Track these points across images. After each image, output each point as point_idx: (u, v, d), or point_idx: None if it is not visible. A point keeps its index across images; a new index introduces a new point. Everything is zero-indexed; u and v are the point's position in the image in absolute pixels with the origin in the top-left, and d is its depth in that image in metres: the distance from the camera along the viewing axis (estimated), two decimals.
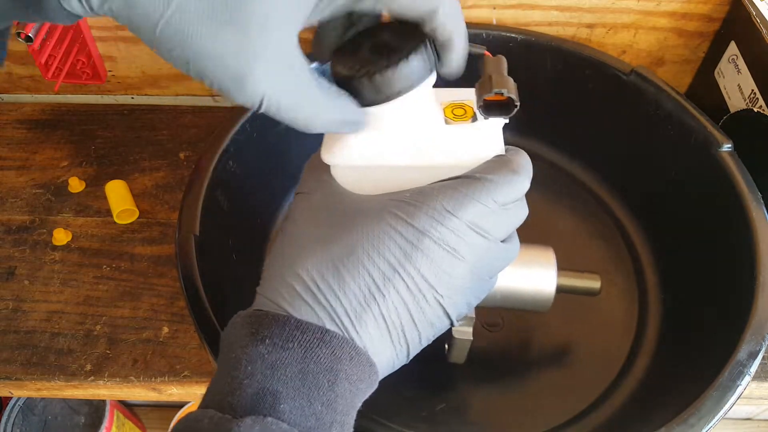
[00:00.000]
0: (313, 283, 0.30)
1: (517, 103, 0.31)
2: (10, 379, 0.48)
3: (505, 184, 0.32)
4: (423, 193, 0.31)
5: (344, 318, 0.30)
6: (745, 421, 1.14)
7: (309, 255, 0.31)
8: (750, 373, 0.38)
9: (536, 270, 0.43)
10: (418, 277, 0.30)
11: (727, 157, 0.48)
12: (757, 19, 0.51)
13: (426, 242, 0.30)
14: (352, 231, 0.31)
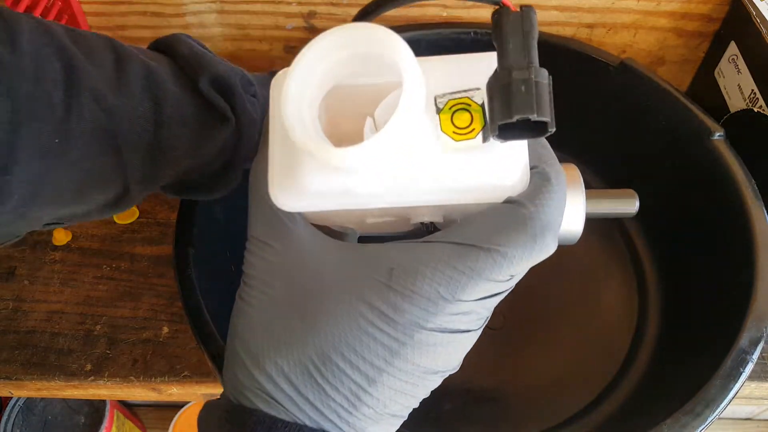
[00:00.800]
0: (289, 386, 0.25)
1: (552, 127, 0.22)
2: (10, 379, 0.48)
3: (523, 258, 0.25)
4: (408, 273, 0.24)
5: (334, 420, 0.25)
6: (746, 421, 1.14)
7: (275, 351, 0.25)
8: (753, 360, 0.38)
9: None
10: (413, 367, 0.25)
11: (720, 145, 0.48)
12: (757, 19, 0.51)
13: (417, 336, 0.24)
14: (322, 328, 0.25)
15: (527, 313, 0.51)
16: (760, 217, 0.44)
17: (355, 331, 0.24)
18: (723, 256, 0.47)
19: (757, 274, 0.41)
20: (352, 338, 0.24)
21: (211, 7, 0.59)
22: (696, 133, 0.49)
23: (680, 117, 0.50)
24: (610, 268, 0.54)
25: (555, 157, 0.28)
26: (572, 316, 0.51)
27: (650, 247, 0.55)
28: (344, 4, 0.58)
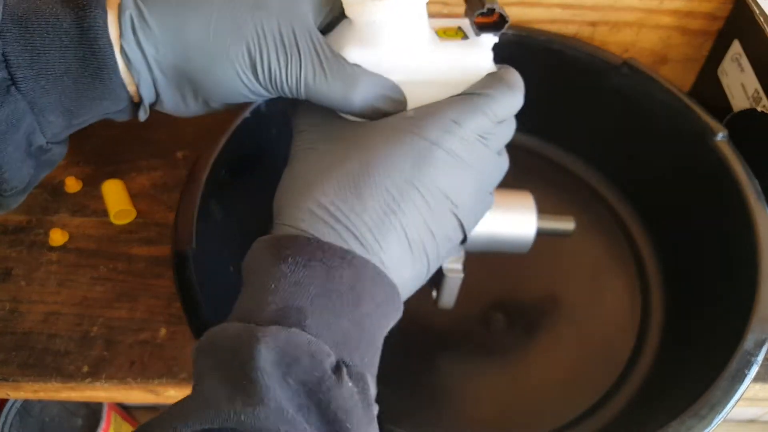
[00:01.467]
0: (332, 204, 0.30)
1: (508, 18, 0.33)
2: (7, 380, 0.48)
3: (503, 99, 0.33)
4: (428, 110, 0.32)
5: (367, 235, 0.30)
6: (749, 423, 1.13)
7: (325, 178, 0.31)
8: (758, 361, 0.38)
9: (516, 213, 0.44)
10: (434, 188, 0.31)
11: (722, 146, 0.48)
12: (761, 17, 0.51)
13: (437, 153, 0.31)
14: (366, 151, 0.31)
15: (529, 314, 0.51)
16: (764, 218, 0.44)
17: (390, 148, 0.31)
18: (726, 256, 0.46)
19: (761, 275, 0.41)
20: (389, 154, 0.31)
21: None
22: (699, 134, 0.49)
23: (683, 117, 0.50)
24: (613, 269, 0.54)
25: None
26: (575, 317, 0.51)
27: (653, 249, 0.54)
28: None
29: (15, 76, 0.29)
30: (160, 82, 0.32)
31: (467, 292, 0.52)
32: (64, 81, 0.30)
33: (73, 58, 0.29)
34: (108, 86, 0.31)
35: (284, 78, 0.31)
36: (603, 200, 0.58)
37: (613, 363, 0.49)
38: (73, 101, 0.31)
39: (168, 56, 0.31)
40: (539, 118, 0.60)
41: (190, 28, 0.30)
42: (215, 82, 0.32)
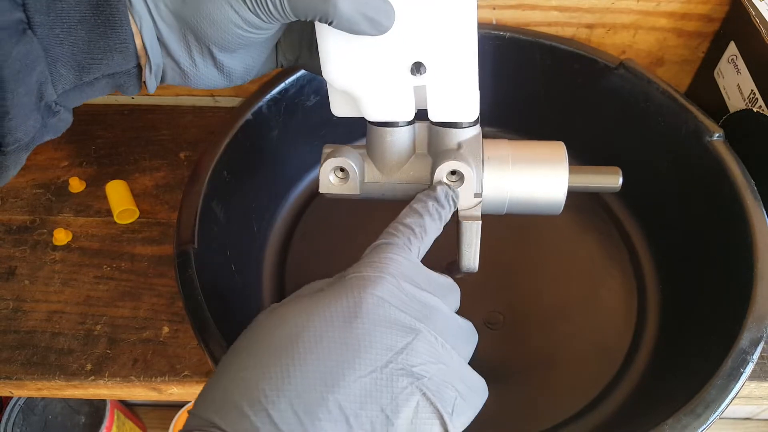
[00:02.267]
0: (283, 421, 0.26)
1: None
2: (11, 378, 0.48)
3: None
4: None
5: None
6: (745, 420, 1.14)
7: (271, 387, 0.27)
8: (753, 360, 0.38)
9: (546, 168, 0.38)
10: None
11: (719, 146, 0.48)
12: (757, 19, 0.51)
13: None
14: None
15: (526, 313, 0.52)
16: (760, 218, 0.44)
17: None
18: (722, 256, 0.47)
19: (756, 274, 0.41)
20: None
21: None
22: (695, 134, 0.49)
23: (679, 118, 0.50)
24: (610, 268, 0.54)
25: None
26: (571, 315, 0.51)
27: (650, 247, 0.55)
28: None
29: (32, 19, 0.29)
30: (162, 30, 0.32)
31: (466, 291, 0.53)
32: (78, 31, 0.30)
33: (87, 6, 0.30)
34: (119, 35, 0.31)
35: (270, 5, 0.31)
36: (600, 200, 0.58)
37: (609, 361, 0.49)
38: (85, 54, 0.31)
39: (172, 11, 0.32)
40: (537, 118, 0.60)
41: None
42: (211, 20, 0.32)
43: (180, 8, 0.32)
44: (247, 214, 0.53)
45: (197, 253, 0.43)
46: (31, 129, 0.31)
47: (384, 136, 0.38)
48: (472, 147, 0.37)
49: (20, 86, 0.29)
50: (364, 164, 0.39)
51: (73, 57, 0.31)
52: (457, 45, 0.34)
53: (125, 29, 0.31)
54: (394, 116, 0.37)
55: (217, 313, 0.41)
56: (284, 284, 0.53)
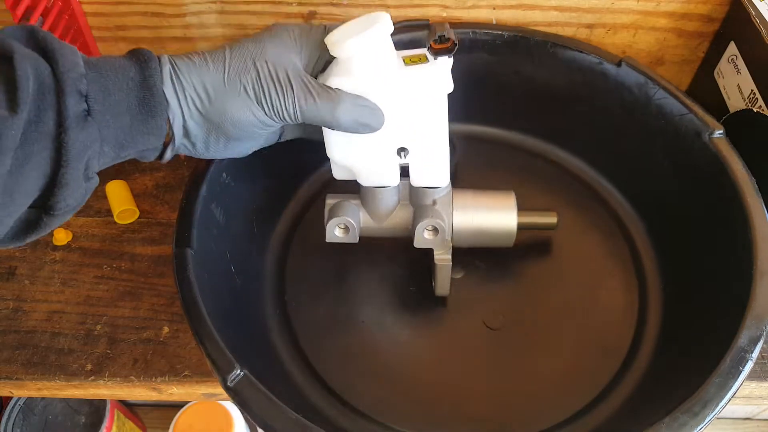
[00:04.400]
0: None
1: (456, 42, 0.41)
2: (11, 378, 0.48)
3: None
4: None
5: None
6: (745, 420, 1.14)
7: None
8: (752, 358, 0.38)
9: (500, 211, 0.50)
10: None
11: (720, 143, 0.48)
12: (757, 19, 0.51)
13: None
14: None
15: (527, 312, 0.52)
16: (761, 215, 0.44)
17: None
18: (723, 254, 0.47)
19: (756, 273, 0.41)
20: None
21: (212, 8, 0.59)
22: (696, 131, 0.49)
23: (680, 115, 0.50)
24: (611, 267, 0.54)
25: None
26: (572, 315, 0.51)
27: (651, 246, 0.55)
28: (344, 4, 0.58)
29: (92, 108, 0.35)
30: (189, 123, 0.41)
31: (466, 291, 0.53)
32: (124, 117, 0.37)
33: (135, 98, 0.37)
34: (158, 122, 0.39)
35: (283, 106, 0.40)
36: (601, 198, 0.58)
37: (610, 360, 0.49)
38: (126, 135, 0.38)
39: (196, 100, 0.40)
40: (538, 117, 0.60)
41: (210, 79, 0.40)
42: (232, 119, 0.41)
43: (208, 110, 0.40)
44: (247, 217, 0.53)
45: (196, 255, 0.43)
46: (80, 196, 0.37)
47: (376, 194, 0.49)
48: (444, 202, 0.49)
49: (80, 163, 0.35)
50: (360, 214, 0.49)
51: (116, 138, 0.37)
52: (431, 135, 0.45)
53: (162, 118, 0.39)
54: (383, 183, 0.48)
55: (216, 315, 0.41)
56: (284, 286, 0.53)
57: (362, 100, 0.42)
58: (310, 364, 0.49)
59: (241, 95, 0.40)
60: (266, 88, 0.40)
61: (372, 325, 0.51)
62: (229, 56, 0.40)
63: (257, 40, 0.41)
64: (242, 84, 0.40)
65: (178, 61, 0.40)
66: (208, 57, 0.40)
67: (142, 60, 0.38)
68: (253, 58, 0.40)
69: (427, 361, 0.50)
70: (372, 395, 0.48)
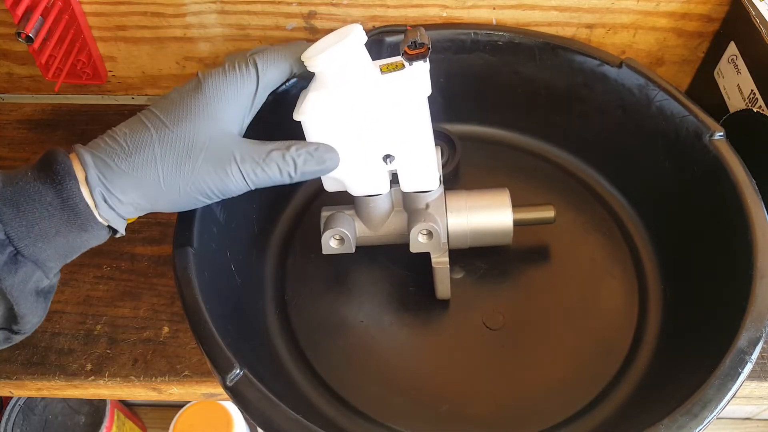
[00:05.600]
0: None
1: (429, 45, 0.42)
2: (11, 378, 0.48)
3: None
4: None
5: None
6: (745, 420, 1.14)
7: None
8: (752, 360, 0.38)
9: (494, 210, 0.50)
10: None
11: (720, 145, 0.48)
12: (757, 19, 0.51)
13: None
14: None
15: (527, 313, 0.52)
16: (760, 217, 0.44)
17: None
18: (723, 255, 0.47)
19: (756, 274, 0.41)
20: None
21: (212, 8, 0.59)
22: (696, 133, 0.49)
23: (680, 117, 0.50)
24: (611, 268, 0.54)
25: None
26: (572, 315, 0.51)
27: (651, 247, 0.55)
28: (344, 4, 0.58)
29: (18, 247, 0.36)
30: (132, 216, 0.41)
31: (467, 291, 0.53)
32: (57, 239, 0.37)
33: (60, 221, 0.37)
34: (93, 234, 0.39)
35: (230, 190, 0.41)
36: (601, 199, 0.58)
37: (609, 361, 0.49)
38: (66, 249, 0.38)
39: (135, 207, 0.40)
40: (538, 118, 0.60)
41: (146, 190, 0.39)
42: (179, 208, 0.41)
43: (155, 207, 0.40)
44: (248, 216, 0.53)
45: (196, 254, 0.43)
46: (41, 312, 0.39)
47: (368, 203, 0.49)
48: (437, 205, 0.49)
49: (27, 296, 0.37)
50: (355, 224, 0.50)
51: (57, 254, 0.38)
52: (415, 139, 0.45)
53: (96, 228, 0.38)
54: (373, 191, 0.48)
55: (216, 315, 0.41)
56: (284, 286, 0.53)
57: (309, 147, 0.42)
58: (309, 364, 0.49)
59: (182, 194, 0.39)
60: (205, 182, 0.39)
61: (372, 325, 0.51)
62: (159, 149, 0.38)
63: (184, 114, 0.39)
64: (180, 185, 0.39)
65: (107, 173, 0.38)
66: (135, 156, 0.38)
67: (57, 180, 0.36)
68: (185, 147, 0.39)
69: (427, 361, 0.50)
70: (372, 395, 0.48)
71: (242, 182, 0.40)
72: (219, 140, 0.40)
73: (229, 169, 0.39)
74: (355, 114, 0.43)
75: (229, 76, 0.41)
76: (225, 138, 0.40)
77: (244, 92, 0.42)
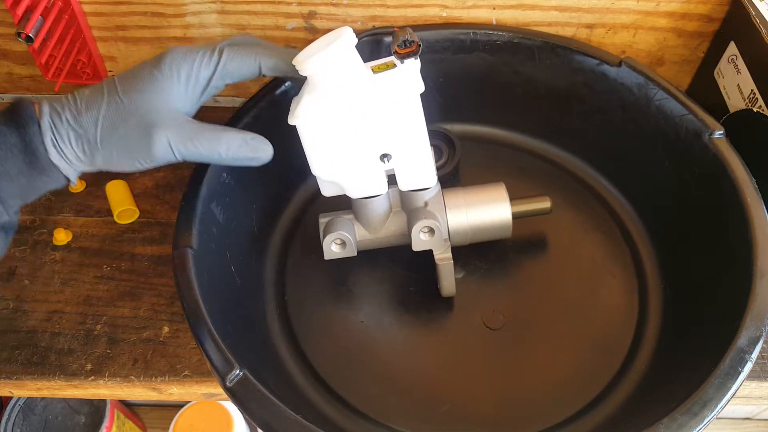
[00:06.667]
0: None
1: (420, 42, 0.42)
2: (11, 378, 0.48)
3: None
4: None
5: None
6: (745, 420, 1.14)
7: None
8: (751, 359, 0.38)
9: (492, 205, 0.51)
10: None
11: (720, 144, 0.48)
12: (757, 19, 0.51)
13: None
14: None
15: (527, 312, 0.52)
16: (760, 216, 0.44)
17: None
18: (723, 255, 0.47)
19: (756, 273, 0.41)
20: None
21: (212, 8, 0.59)
22: (696, 132, 0.49)
23: (680, 116, 0.50)
24: (611, 267, 0.54)
25: None
26: (572, 315, 0.51)
27: (651, 246, 0.55)
28: (344, 4, 0.58)
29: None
30: (82, 169, 0.43)
31: (467, 291, 0.53)
32: (20, 179, 0.40)
33: (23, 163, 0.40)
34: (52, 177, 0.42)
35: (157, 158, 0.42)
36: (601, 199, 0.58)
37: (610, 361, 0.49)
38: (27, 189, 0.41)
39: (79, 159, 0.42)
40: (538, 118, 0.60)
41: (85, 141, 0.41)
42: (117, 167, 0.43)
43: (93, 163, 0.42)
44: (248, 216, 0.53)
45: (196, 255, 0.43)
46: (1, 247, 0.42)
47: (366, 205, 0.49)
48: (436, 203, 0.49)
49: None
50: (355, 228, 0.50)
51: (18, 194, 0.41)
52: (410, 136, 0.45)
53: (54, 173, 0.41)
54: (371, 192, 0.48)
55: (216, 315, 0.41)
56: (284, 286, 0.53)
57: (246, 136, 0.44)
58: (309, 364, 0.49)
59: (115, 156, 0.42)
60: (136, 147, 0.42)
61: (372, 325, 0.51)
62: (104, 112, 0.41)
63: (136, 85, 0.42)
64: (113, 147, 0.42)
65: (57, 123, 0.41)
66: (83, 113, 0.41)
67: (21, 124, 0.40)
68: (125, 114, 0.41)
69: (427, 361, 0.50)
70: (372, 395, 0.48)
71: (169, 152, 0.42)
72: (159, 112, 0.42)
73: (157, 137, 0.41)
74: (349, 114, 0.43)
75: (188, 57, 0.43)
76: (166, 112, 0.42)
77: (200, 75, 0.43)
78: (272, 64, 0.44)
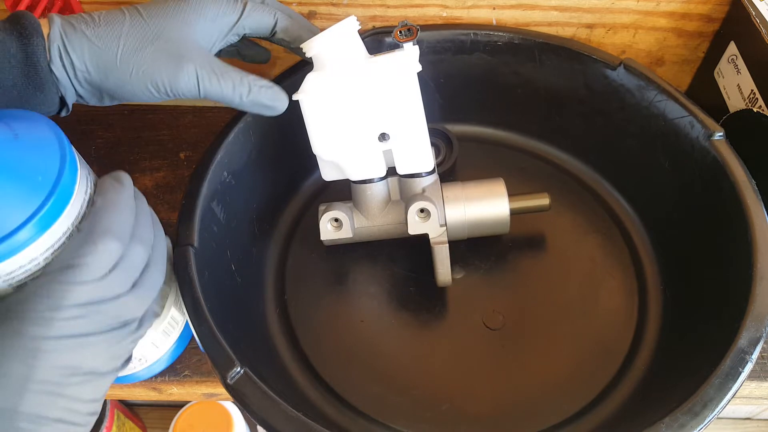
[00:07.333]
0: None
1: (418, 27, 0.44)
2: None
3: (91, 264, 0.31)
4: (21, 302, 0.31)
5: None
6: (745, 420, 1.14)
7: None
8: (752, 359, 0.38)
9: (491, 199, 0.51)
10: (59, 370, 0.30)
11: (720, 145, 0.48)
12: (757, 19, 0.52)
13: (44, 346, 0.30)
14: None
15: (527, 313, 0.52)
16: (761, 217, 0.44)
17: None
18: (723, 256, 0.47)
19: (756, 274, 0.41)
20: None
21: None
22: (696, 134, 0.49)
23: (680, 117, 0.50)
24: (611, 268, 0.54)
25: None
26: (572, 315, 0.51)
27: (651, 247, 0.55)
28: (344, 4, 0.58)
29: None
30: (82, 93, 0.41)
31: (467, 291, 0.53)
32: (12, 92, 0.38)
33: (19, 74, 0.37)
34: (47, 96, 0.39)
35: (179, 88, 0.40)
36: (601, 200, 0.58)
37: (610, 361, 0.49)
38: (18, 103, 0.38)
39: (87, 76, 0.39)
40: (538, 119, 0.60)
41: (102, 57, 0.39)
42: (129, 93, 0.40)
43: (101, 83, 0.40)
44: (248, 215, 0.53)
45: (197, 253, 0.44)
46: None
47: (365, 191, 0.50)
48: (433, 190, 0.50)
49: None
50: (353, 214, 0.51)
51: (7, 106, 0.38)
52: (408, 115, 0.46)
53: (51, 92, 0.39)
54: (370, 174, 0.49)
55: (217, 313, 0.42)
56: (284, 285, 0.53)
57: (265, 82, 0.43)
58: (309, 363, 0.49)
59: (133, 76, 0.39)
60: (159, 71, 0.39)
61: (372, 325, 0.51)
62: (127, 29, 0.39)
63: (162, 11, 0.41)
64: (134, 66, 0.39)
65: (69, 33, 0.38)
66: (103, 27, 0.39)
67: (24, 34, 0.37)
68: (151, 36, 0.40)
69: (427, 360, 0.50)
70: (372, 395, 0.48)
71: (194, 84, 0.40)
72: (186, 42, 0.41)
73: (186, 67, 0.40)
74: (349, 92, 0.45)
75: (216, 0, 0.43)
76: (194, 44, 0.41)
77: (224, 20, 0.43)
78: (287, 25, 0.45)
